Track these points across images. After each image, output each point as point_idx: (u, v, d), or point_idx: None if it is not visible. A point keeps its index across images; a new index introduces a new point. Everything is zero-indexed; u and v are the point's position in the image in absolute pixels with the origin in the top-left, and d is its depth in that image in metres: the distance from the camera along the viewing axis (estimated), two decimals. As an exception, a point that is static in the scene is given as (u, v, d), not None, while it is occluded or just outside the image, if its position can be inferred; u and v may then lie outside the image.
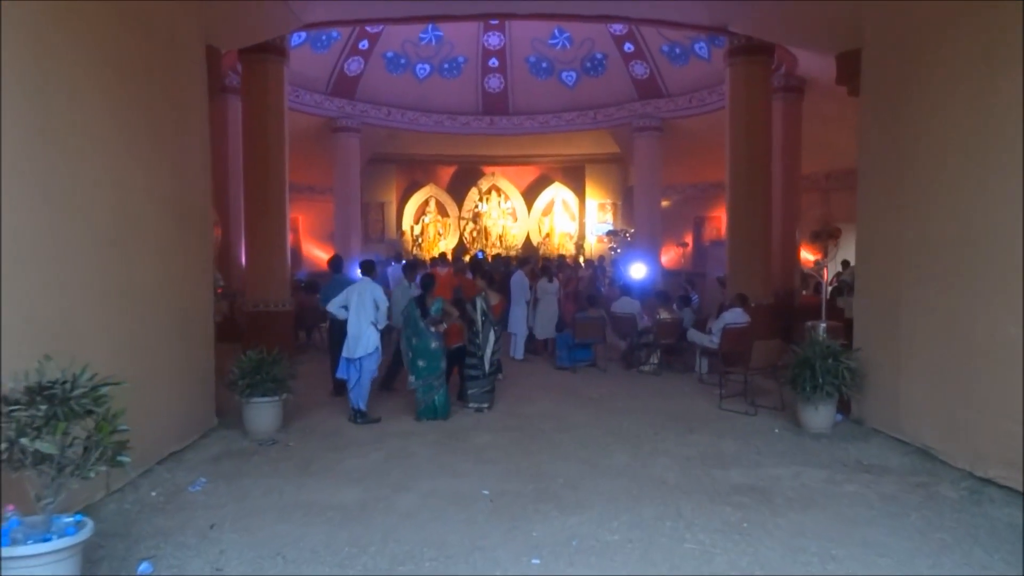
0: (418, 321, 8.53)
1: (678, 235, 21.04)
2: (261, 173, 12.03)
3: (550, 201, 24.13)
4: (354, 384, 8.42)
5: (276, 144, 12.11)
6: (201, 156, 8.06)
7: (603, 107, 19.15)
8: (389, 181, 23.56)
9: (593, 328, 11.80)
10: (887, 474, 6.61)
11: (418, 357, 8.53)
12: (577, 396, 9.94)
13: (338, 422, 8.48)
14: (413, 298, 8.82)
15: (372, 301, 8.38)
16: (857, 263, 8.52)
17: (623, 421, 8.52)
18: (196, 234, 7.83)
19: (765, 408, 9.00)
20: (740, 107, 12.56)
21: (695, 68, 17.38)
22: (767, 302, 12.17)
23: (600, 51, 18.32)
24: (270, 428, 7.85)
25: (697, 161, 19.90)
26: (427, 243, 23.80)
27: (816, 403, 7.83)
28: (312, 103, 17.44)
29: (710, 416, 8.83)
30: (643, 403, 9.51)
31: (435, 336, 8.59)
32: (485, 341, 8.96)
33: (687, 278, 15.80)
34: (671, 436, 7.89)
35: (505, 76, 19.14)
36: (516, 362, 12.50)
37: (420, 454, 7.24)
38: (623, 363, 12.33)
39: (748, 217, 12.32)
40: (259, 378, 7.75)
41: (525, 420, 8.59)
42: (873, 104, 8.24)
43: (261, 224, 12.03)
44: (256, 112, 12.08)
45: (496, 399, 9.45)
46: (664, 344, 11.74)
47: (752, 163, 12.39)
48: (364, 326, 8.35)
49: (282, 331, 12.02)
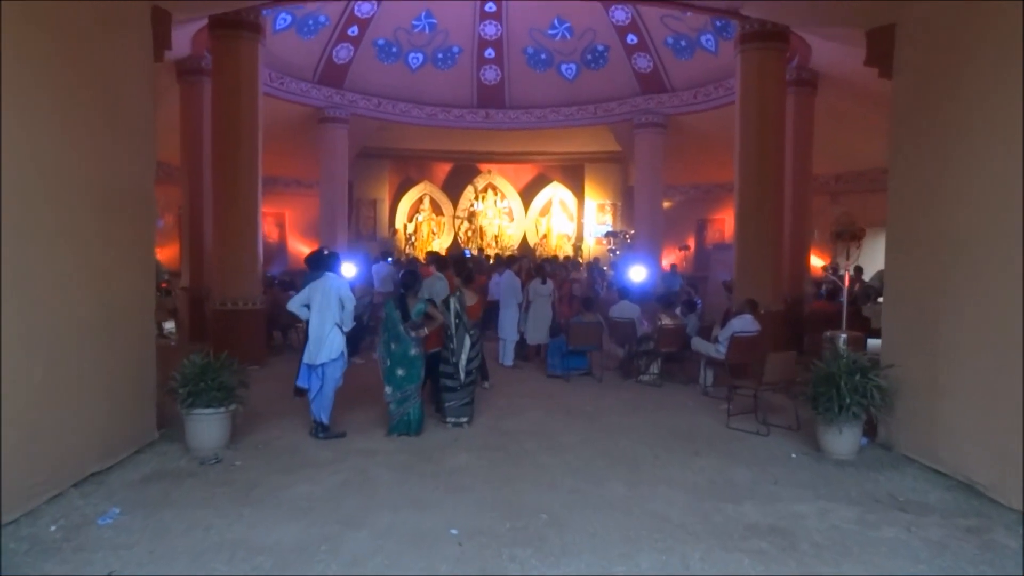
0: (398, 324, 7.46)
1: (680, 238, 19.98)
2: (231, 160, 10.97)
3: (548, 201, 23.22)
4: (316, 394, 7.35)
5: (248, 128, 11.05)
6: (141, 133, 6.97)
7: (604, 102, 18.09)
8: (382, 177, 22.61)
9: (589, 334, 10.73)
10: (928, 513, 5.54)
11: (396, 365, 7.45)
12: (569, 409, 8.87)
13: (297, 437, 7.40)
14: (392, 299, 7.73)
15: (337, 299, 7.32)
16: (887, 267, 7.45)
17: (620, 440, 7.45)
18: (130, 222, 6.74)
19: (778, 428, 7.93)
20: (751, 99, 11.49)
21: (701, 61, 16.34)
22: (777, 309, 11.09)
23: (602, 42, 17.27)
24: (215, 444, 6.78)
25: (700, 160, 18.89)
26: (421, 242, 22.87)
27: (840, 425, 6.76)
28: (298, 91, 16.38)
29: (717, 436, 7.75)
30: (642, 419, 8.44)
31: (415, 342, 7.52)
32: (459, 347, 7.90)
33: (689, 281, 14.72)
34: (674, 460, 6.82)
35: (502, 67, 18.08)
36: (505, 369, 11.43)
37: (383, 479, 6.16)
38: (621, 372, 11.27)
39: (758, 218, 11.26)
40: (203, 386, 6.68)
41: (509, 438, 7.51)
42: (908, 87, 7.18)
43: (230, 215, 10.96)
44: (227, 93, 11.02)
45: (480, 411, 8.40)
46: (666, 353, 10.67)
47: (763, 160, 11.33)
48: (328, 328, 7.28)
49: (252, 331, 10.98)
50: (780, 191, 11.50)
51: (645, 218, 17.98)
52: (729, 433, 7.86)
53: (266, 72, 15.24)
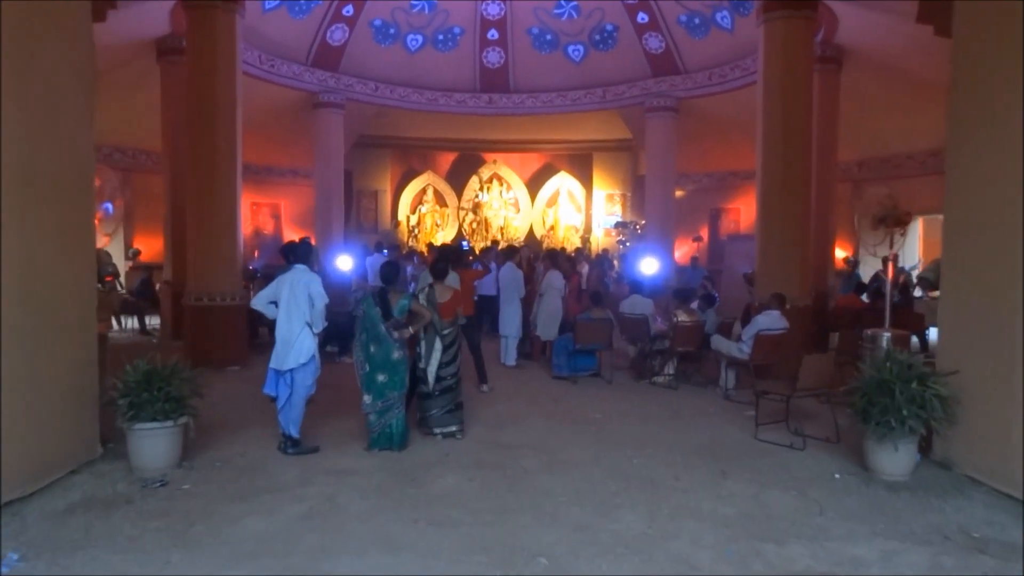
0: (378, 323, 6.41)
1: (692, 228, 18.84)
2: (207, 144, 9.96)
3: (555, 191, 22.05)
4: (284, 403, 6.31)
5: (226, 110, 10.03)
6: (76, 111, 5.88)
7: (613, 85, 16.93)
8: (383, 167, 21.54)
9: (598, 331, 9.66)
10: (1014, 556, 4.45)
11: (377, 370, 6.42)
12: (576, 417, 7.81)
13: (263, 452, 6.37)
14: (371, 294, 6.67)
15: (306, 295, 6.27)
16: (945, 256, 6.33)
17: (633, 457, 6.38)
18: (64, 210, 5.69)
19: (815, 440, 6.84)
20: (776, 75, 10.38)
21: (716, 40, 15.20)
22: (804, 304, 9.97)
23: (611, 22, 16.12)
24: (162, 463, 5.75)
25: (714, 147, 17.76)
26: (424, 234, 21.78)
27: (895, 441, 5.67)
28: (290, 74, 15.31)
29: (745, 450, 6.68)
30: (658, 429, 7.37)
31: (398, 344, 6.47)
32: (428, 351, 6.84)
33: (706, 274, 13.58)
34: (698, 483, 5.74)
35: (505, 49, 16.95)
36: (507, 370, 10.37)
37: (353, 509, 5.11)
38: (632, 372, 10.21)
39: (783, 205, 10.15)
40: (148, 397, 5.65)
41: (506, 453, 6.45)
42: (971, 46, 6.04)
43: (207, 204, 9.96)
44: (202, 72, 10.01)
45: (476, 418, 7.38)
46: (682, 352, 9.59)
47: (789, 141, 10.21)
48: (296, 328, 6.24)
49: (231, 328, 9.96)
50: (807, 175, 10.38)
51: (656, 208, 16.86)
52: (759, 447, 6.78)
53: (256, 54, 14.30)
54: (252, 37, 14.09)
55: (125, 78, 13.21)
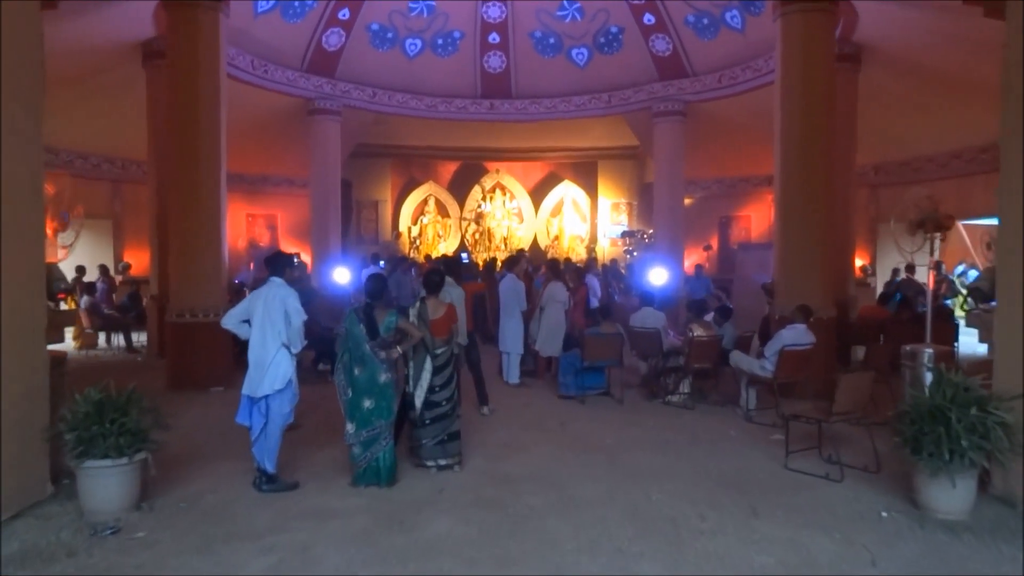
0: (362, 343, 5.69)
1: (702, 237, 18.09)
2: (189, 152, 9.28)
3: (559, 200, 21.49)
4: (257, 435, 5.58)
5: (208, 115, 9.35)
6: (20, 104, 5.16)
7: (618, 89, 16.20)
8: (383, 177, 20.98)
9: (607, 347, 8.91)
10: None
11: (362, 395, 5.68)
12: (585, 443, 7.06)
13: (236, 489, 5.63)
14: (354, 310, 5.93)
15: (282, 313, 5.54)
16: (1000, 264, 5.58)
17: (651, 491, 5.63)
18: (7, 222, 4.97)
19: (852, 469, 6.08)
20: (794, 72, 9.63)
21: (725, 41, 14.49)
22: (828, 315, 9.21)
23: (616, 24, 15.43)
24: (116, 505, 5.01)
25: (724, 152, 17.05)
26: (426, 245, 21.15)
27: (952, 476, 4.91)
28: (284, 80, 14.63)
29: (775, 482, 5.92)
30: (676, 456, 6.62)
31: (386, 365, 5.74)
32: (418, 372, 6.11)
33: (719, 284, 12.80)
34: (727, 524, 4.99)
35: (507, 54, 16.25)
36: (510, 389, 9.62)
37: (329, 561, 4.37)
38: (644, 391, 9.45)
39: (803, 210, 9.39)
40: (99, 431, 4.92)
41: (507, 488, 5.70)
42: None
43: (189, 215, 9.28)
44: (183, 75, 9.35)
45: (474, 445, 6.67)
46: (698, 369, 8.84)
47: (808, 143, 9.46)
48: (271, 349, 5.51)
49: (215, 346, 9.22)
50: (828, 178, 9.63)
51: (664, 215, 16.11)
52: (790, 478, 6.02)
53: (248, 59, 13.68)
54: (244, 41, 13.46)
55: (111, 84, 12.58)
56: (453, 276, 7.89)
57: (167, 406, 8.36)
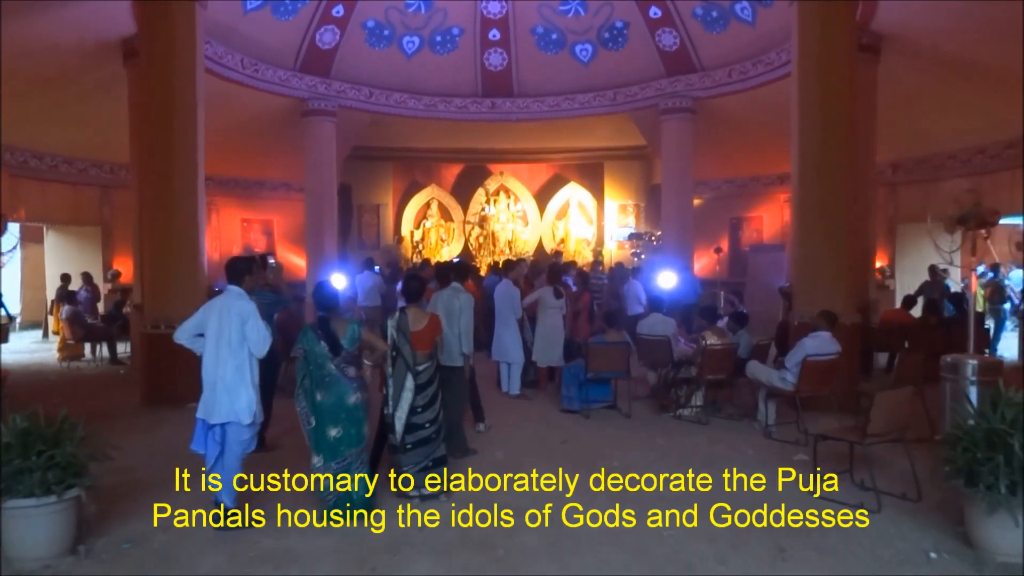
0: (325, 362, 4.96)
1: (712, 239, 17.30)
2: (163, 153, 8.62)
3: (565, 203, 20.72)
4: (212, 465, 4.87)
5: (184, 115, 8.70)
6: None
7: (624, 86, 15.44)
8: (384, 181, 20.31)
9: (613, 357, 8.18)
10: None
11: (327, 422, 4.95)
12: (588, 464, 6.31)
13: (190, 527, 4.92)
14: (310, 326, 5.17)
15: (239, 328, 4.83)
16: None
17: (663, 527, 4.88)
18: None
19: (890, 497, 5.33)
20: (812, 62, 8.90)
21: (735, 34, 13.75)
22: (852, 321, 8.44)
23: (621, 18, 14.70)
24: (47, 551, 4.32)
25: (734, 151, 16.30)
26: (428, 250, 20.46)
27: (1014, 511, 4.16)
28: (276, 80, 13.97)
29: (804, 513, 5.16)
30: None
31: (355, 384, 5.02)
32: (398, 391, 5.39)
33: (732, 289, 12.02)
34: (751, 566, 4.26)
35: (508, 51, 15.53)
36: (510, 401, 8.91)
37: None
38: (654, 402, 8.73)
39: (823, 209, 8.65)
40: (22, 464, 4.23)
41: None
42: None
43: (162, 220, 8.61)
44: (157, 71, 8.71)
45: (464, 468, 5.92)
46: (711, 380, 8.10)
47: (828, 138, 8.73)
48: (229, 371, 4.81)
49: (191, 359, 8.42)
50: (850, 175, 8.88)
51: (673, 217, 15.35)
52: (821, 507, 5.27)
53: (237, 57, 13.06)
54: (233, 39, 12.83)
55: (95, 84, 11.93)
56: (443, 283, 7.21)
57: (137, 424, 7.91)
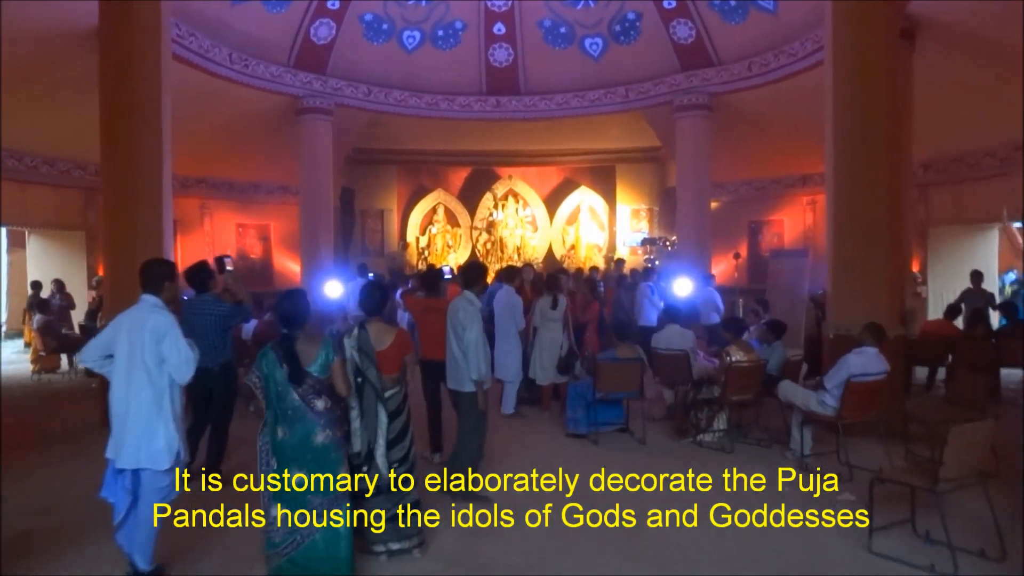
0: (287, 392, 3.93)
1: (730, 244, 16.22)
2: (123, 153, 7.66)
3: (576, 208, 19.80)
4: (123, 518, 3.86)
5: (146, 110, 7.75)
6: None
7: (637, 82, 14.42)
8: (389, 185, 19.49)
9: (625, 375, 7.13)
10: None
11: (289, 463, 3.90)
12: (596, 504, 5.27)
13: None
14: (271, 347, 4.06)
15: (154, 349, 3.82)
16: None
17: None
18: None
19: (966, 554, 4.25)
20: (849, 50, 7.88)
21: (756, 24, 12.71)
22: (896, 333, 7.33)
23: (633, 9, 13.69)
24: None
25: (753, 150, 15.24)
26: (434, 256, 19.53)
27: None
28: (268, 76, 13.04)
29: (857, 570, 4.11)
30: (719, 532, 4.81)
31: (321, 420, 3.96)
32: (372, 421, 4.32)
33: (757, 297, 10.88)
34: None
35: (514, 46, 14.55)
36: (505, 421, 7.87)
37: None
38: (670, 425, 7.66)
39: (862, 210, 7.60)
40: None
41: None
42: None
43: (122, 225, 7.64)
44: (117, 62, 7.74)
45: (444, 513, 4.87)
46: (738, 400, 7.03)
47: (867, 132, 7.72)
48: (143, 404, 3.80)
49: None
50: (891, 173, 7.83)
51: (689, 220, 14.28)
52: (880, 566, 4.21)
53: (225, 52, 12.17)
54: (221, 32, 11.94)
55: (72, 79, 11.01)
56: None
57: (85, 449, 6.87)
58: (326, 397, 3.98)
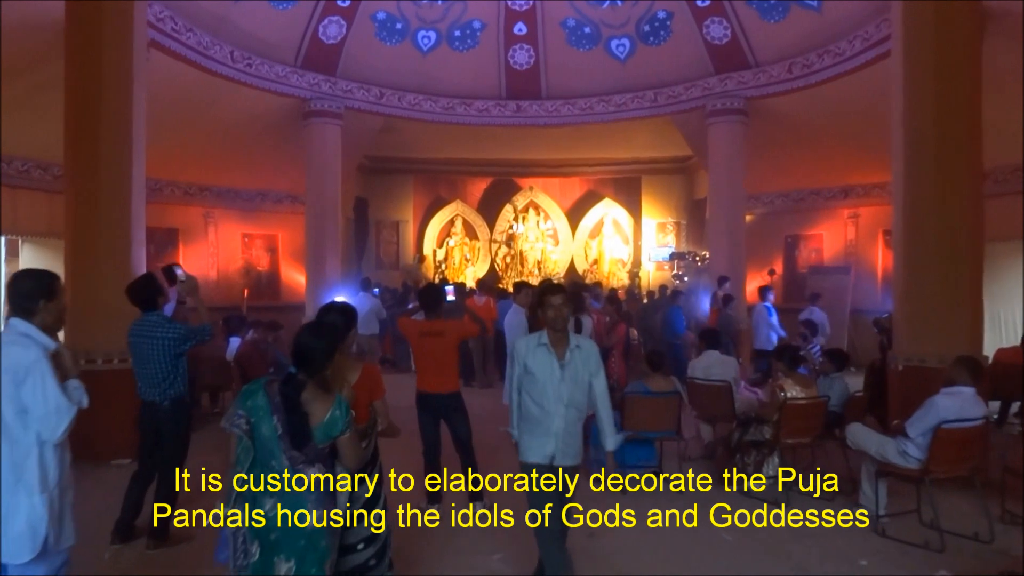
0: (275, 453, 2.81)
1: (764, 260, 15.01)
2: (86, 157, 6.78)
3: (599, 221, 18.83)
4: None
5: (113, 110, 6.85)
6: None
7: (666, 86, 13.30)
8: (405, 195, 18.61)
9: (657, 412, 6.00)
10: None
11: (275, 552, 2.78)
12: (624, 571, 4.15)
13: None
14: (263, 386, 2.90)
15: (15, 393, 2.75)
16: None
17: None
18: None
19: None
20: (925, 40, 6.90)
21: (797, 22, 11.58)
22: (981, 366, 6.16)
23: (663, 8, 12.62)
24: None
25: (789, 159, 14.05)
26: (452, 270, 18.58)
27: None
28: (273, 77, 12.10)
29: None
30: None
31: (316, 496, 2.83)
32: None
33: (802, 321, 9.63)
34: None
35: (535, 47, 13.52)
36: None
37: None
38: (711, 467, 6.50)
39: (939, 223, 6.54)
40: None
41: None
42: None
43: (86, 235, 6.72)
44: (81, 59, 6.88)
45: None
46: (792, 443, 5.86)
47: (946, 135, 6.64)
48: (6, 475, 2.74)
49: (117, 402, 6.49)
50: (975, 183, 6.72)
51: (722, 233, 13.12)
52: None
53: (226, 49, 11.27)
54: (222, 29, 11.04)
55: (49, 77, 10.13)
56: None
57: None
58: (320, 465, 2.88)
